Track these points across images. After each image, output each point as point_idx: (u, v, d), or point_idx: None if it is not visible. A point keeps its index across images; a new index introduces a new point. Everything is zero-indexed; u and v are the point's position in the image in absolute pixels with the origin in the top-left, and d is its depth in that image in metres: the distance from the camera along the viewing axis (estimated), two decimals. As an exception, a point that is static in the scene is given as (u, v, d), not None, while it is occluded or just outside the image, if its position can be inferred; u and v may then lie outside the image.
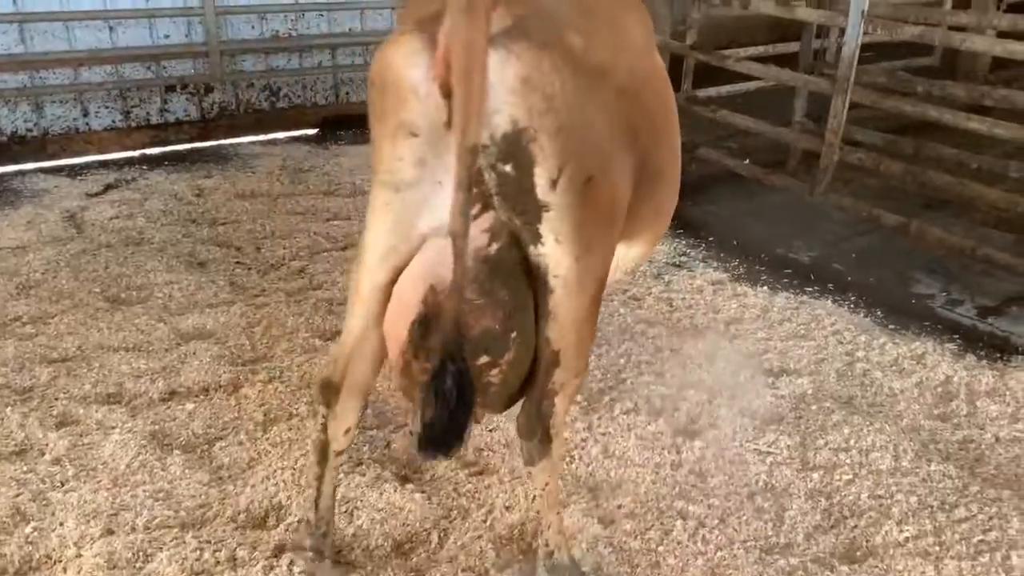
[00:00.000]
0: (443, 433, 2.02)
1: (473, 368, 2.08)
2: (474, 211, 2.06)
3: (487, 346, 2.14)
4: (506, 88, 1.96)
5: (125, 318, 4.01)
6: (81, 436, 3.17)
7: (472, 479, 3.02)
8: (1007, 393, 3.65)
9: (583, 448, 3.14)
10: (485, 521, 2.82)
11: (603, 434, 3.23)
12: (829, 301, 4.50)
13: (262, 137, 7.13)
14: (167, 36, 6.58)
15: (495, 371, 2.18)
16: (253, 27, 6.91)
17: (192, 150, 6.73)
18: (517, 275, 2.16)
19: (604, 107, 2.12)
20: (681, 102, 5.31)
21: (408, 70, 2.00)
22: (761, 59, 5.45)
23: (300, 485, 2.95)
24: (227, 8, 6.67)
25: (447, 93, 1.92)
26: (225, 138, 6.99)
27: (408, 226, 2.15)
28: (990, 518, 2.87)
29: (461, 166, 1.91)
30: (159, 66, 6.63)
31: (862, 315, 4.37)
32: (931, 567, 2.67)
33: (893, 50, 7.11)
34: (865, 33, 3.95)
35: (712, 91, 5.65)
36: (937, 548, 2.75)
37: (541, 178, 2.05)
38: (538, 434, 2.35)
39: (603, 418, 3.33)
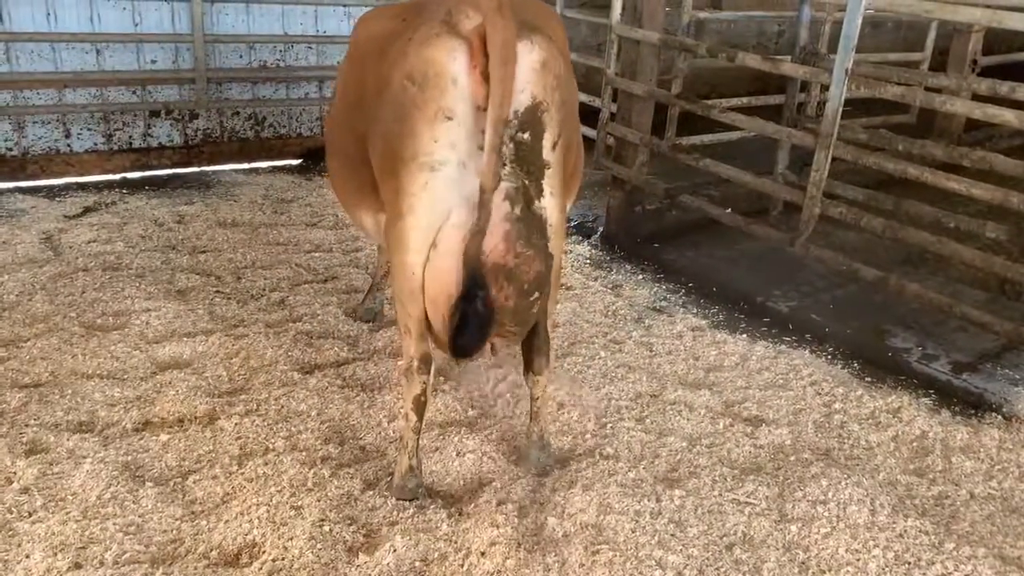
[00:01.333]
0: (474, 342, 2.66)
1: (527, 303, 2.73)
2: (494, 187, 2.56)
3: (540, 284, 2.73)
4: (530, 70, 2.55)
5: (101, 344, 3.95)
6: (51, 465, 3.10)
7: (450, 521, 2.98)
8: (981, 450, 3.69)
9: (568, 491, 3.12)
10: (463, 566, 2.79)
11: (585, 480, 3.21)
12: (807, 351, 4.54)
13: (245, 165, 7.11)
14: (154, 61, 6.56)
15: (539, 302, 2.80)
16: (241, 56, 6.91)
17: (174, 176, 6.70)
18: (541, 225, 2.69)
19: (572, 87, 2.83)
20: (665, 150, 5.40)
21: (450, 64, 2.53)
22: (743, 110, 5.54)
23: (275, 523, 2.90)
24: (216, 36, 6.67)
25: (486, 78, 2.46)
26: (208, 165, 6.96)
27: (441, 202, 2.63)
28: (968, 575, 2.88)
29: (495, 134, 2.47)
30: (144, 90, 6.60)
31: (839, 367, 4.41)
32: (907, 624, 2.68)
33: (870, 106, 7.28)
34: (848, 90, 4.03)
35: (697, 139, 5.73)
36: (914, 605, 2.75)
37: (548, 142, 2.67)
38: (545, 347, 3.11)
39: (584, 463, 3.32)
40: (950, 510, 3.28)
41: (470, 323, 2.61)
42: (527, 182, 2.66)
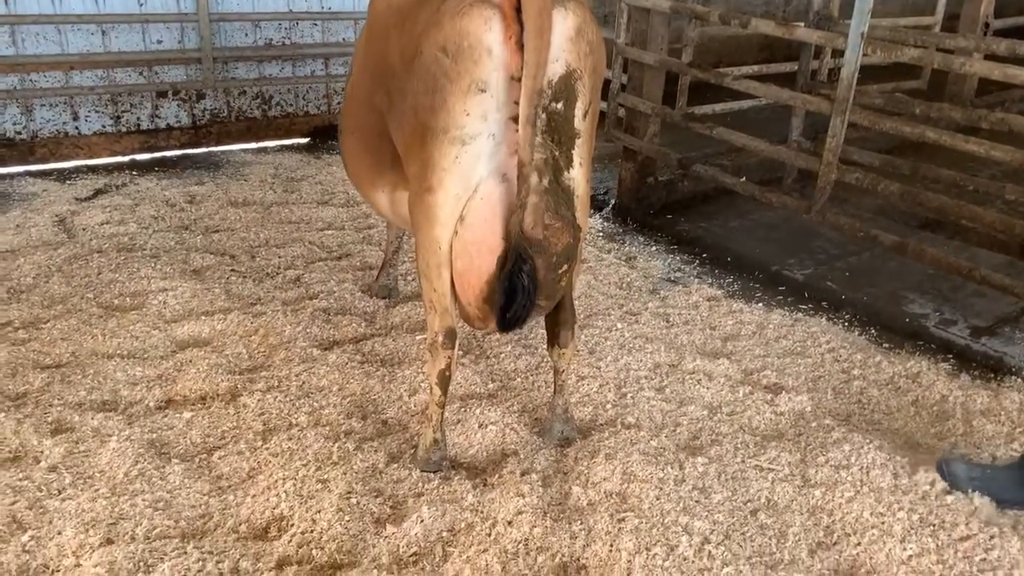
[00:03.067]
0: (522, 314, 2.66)
1: (556, 275, 2.72)
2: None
3: (568, 256, 2.73)
4: (565, 38, 2.52)
5: (120, 324, 3.96)
6: (77, 443, 3.12)
7: (475, 492, 2.99)
8: (1002, 413, 3.68)
9: (591, 460, 3.13)
10: (490, 535, 2.80)
11: (607, 449, 3.21)
12: (824, 319, 4.53)
13: (253, 145, 7.09)
14: (160, 41, 6.53)
15: (567, 274, 2.80)
16: (247, 34, 6.87)
17: (183, 156, 6.68)
18: (569, 197, 2.70)
19: (601, 53, 2.74)
20: (677, 119, 5.36)
21: (485, 34, 2.47)
22: (754, 78, 5.50)
23: (302, 496, 2.91)
24: (221, 15, 6.63)
25: (520, 48, 2.42)
26: (216, 145, 6.95)
27: (471, 175, 2.63)
28: (991, 537, 2.87)
29: (529, 105, 2.45)
30: (151, 71, 6.58)
31: (856, 333, 4.40)
32: (934, 585, 2.69)
33: (880, 73, 7.21)
34: (864, 55, 3.99)
35: (708, 108, 5.69)
36: (940, 567, 2.75)
37: (579, 110, 2.64)
38: (571, 320, 3.13)
39: (607, 433, 3.32)
40: (973, 473, 3.27)
41: (518, 295, 2.60)
42: (557, 153, 2.64)
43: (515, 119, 2.56)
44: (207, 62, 6.65)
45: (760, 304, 4.68)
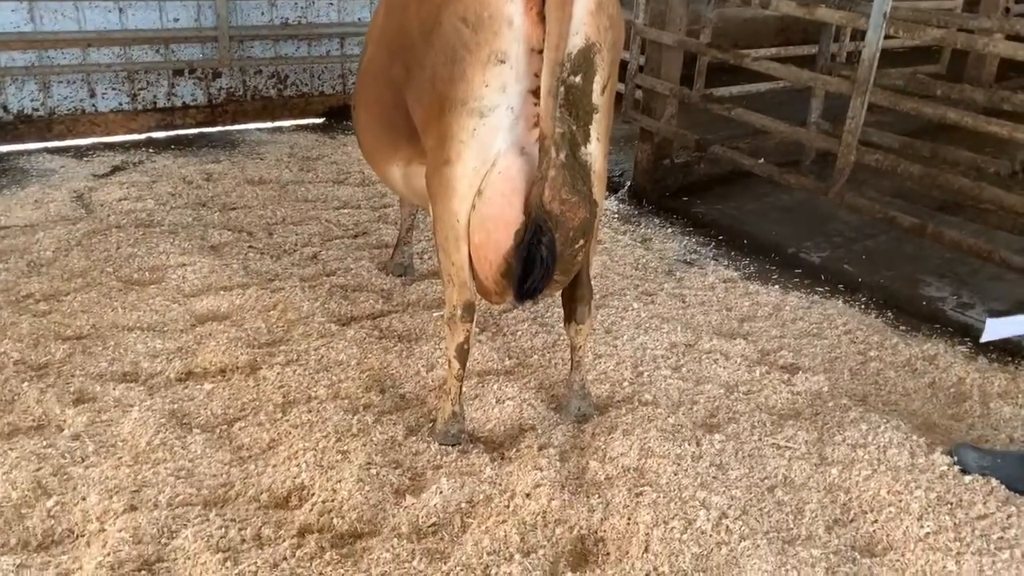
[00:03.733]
0: (539, 285, 2.67)
1: (572, 250, 2.74)
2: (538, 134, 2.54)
3: (585, 231, 2.75)
4: (586, 11, 2.49)
5: (139, 298, 3.98)
6: (99, 413, 3.15)
7: (493, 465, 3.01)
8: (1020, 395, 3.68)
9: (608, 436, 3.15)
10: (508, 507, 2.82)
11: (625, 425, 3.23)
12: (840, 301, 4.52)
13: (268, 124, 7.11)
14: (176, 19, 6.53)
15: (583, 249, 2.81)
16: (263, 13, 6.87)
17: (199, 135, 6.70)
18: (586, 172, 2.69)
19: (621, 28, 2.72)
20: (696, 100, 5.34)
21: (506, 5, 2.45)
22: (773, 60, 5.47)
23: (323, 466, 2.94)
24: (238, -7, 6.64)
25: (542, 19, 2.41)
26: (232, 124, 6.96)
27: (488, 148, 2.62)
28: (1008, 516, 2.88)
29: (551, 77, 2.43)
30: (168, 49, 6.58)
31: (873, 316, 4.40)
32: (952, 562, 2.69)
33: (897, 58, 7.17)
34: (886, 36, 3.97)
35: (725, 90, 5.67)
36: (957, 544, 2.76)
37: (598, 85, 2.63)
38: (588, 296, 3.13)
39: (624, 409, 3.34)
40: (990, 453, 3.27)
41: (536, 266, 2.61)
42: (574, 127, 2.64)
43: (534, 92, 2.56)
44: (223, 40, 6.65)
45: (776, 286, 4.68)
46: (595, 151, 2.75)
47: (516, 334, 3.90)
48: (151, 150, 6.23)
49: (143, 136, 6.53)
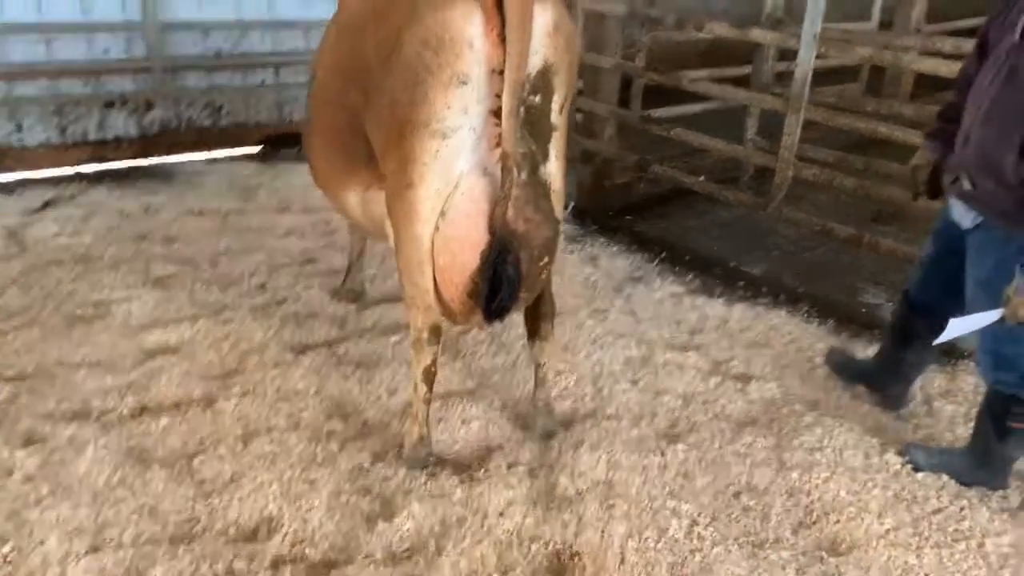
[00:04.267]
0: (507, 304, 2.70)
1: (536, 268, 2.77)
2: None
3: (548, 249, 2.79)
4: (544, 32, 2.55)
5: (84, 334, 3.87)
6: (51, 453, 3.04)
7: (463, 486, 3.01)
8: (959, 394, 3.85)
9: (575, 451, 3.17)
10: (482, 527, 2.82)
11: (591, 440, 3.26)
12: (783, 311, 4.65)
13: (204, 155, 6.98)
14: (106, 51, 6.39)
15: (547, 267, 2.86)
16: (196, 44, 6.77)
17: (132, 168, 6.54)
18: (546, 190, 2.75)
19: (576, 48, 2.81)
20: (635, 121, 5.47)
21: (467, 28, 2.49)
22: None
23: (290, 497, 2.89)
24: (169, 23, 6.54)
25: (502, 40, 2.46)
26: (166, 156, 6.81)
27: (450, 169, 2.64)
28: (961, 509, 3.01)
29: (513, 97, 2.48)
30: (98, 81, 6.44)
31: (816, 324, 4.53)
32: (913, 556, 2.79)
33: (817, 77, 7.45)
34: (818, 56, 4.15)
35: (663, 111, 5.82)
36: (916, 539, 2.87)
37: (556, 104, 2.69)
38: (551, 312, 3.20)
39: (588, 424, 3.37)
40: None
41: (504, 286, 2.64)
42: (534, 147, 2.69)
43: (494, 112, 2.60)
44: (156, 72, 6.54)
45: (721, 299, 4.79)
46: (554, 170, 2.80)
47: (475, 355, 3.91)
48: (84, 184, 6.05)
49: (73, 170, 6.34)
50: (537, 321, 3.18)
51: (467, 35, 2.50)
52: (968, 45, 4.13)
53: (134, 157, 6.67)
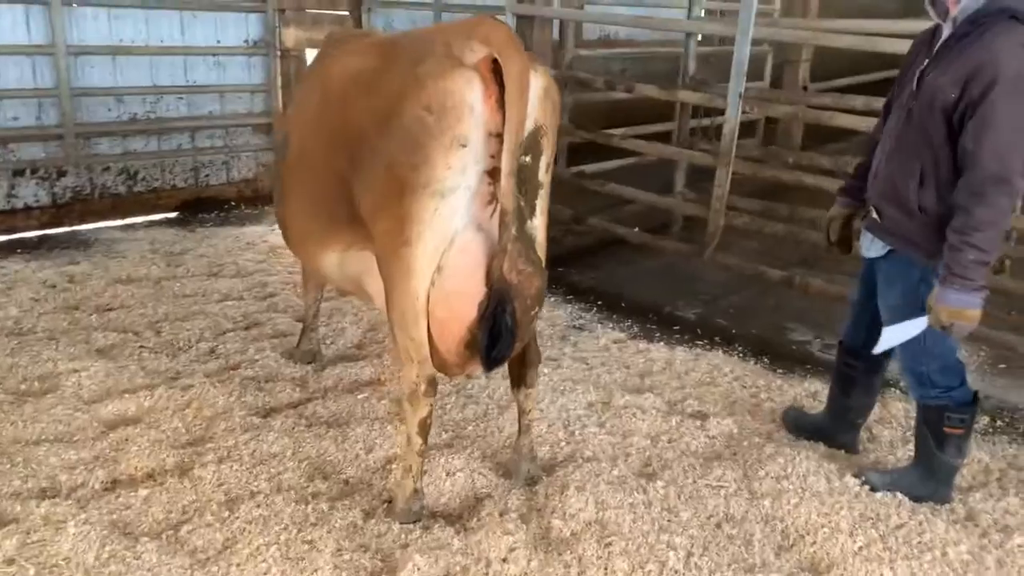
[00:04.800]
0: (506, 353, 2.83)
1: (528, 317, 2.89)
2: (493, 209, 2.76)
3: (539, 299, 2.91)
4: (536, 97, 2.74)
5: (37, 409, 3.71)
6: (28, 534, 2.90)
7: (460, 536, 3.04)
8: (892, 420, 4.16)
9: (562, 494, 3.26)
10: (486, 574, 2.86)
11: (575, 482, 3.36)
12: (721, 352, 4.92)
13: (119, 222, 6.81)
14: (15, 118, 6.21)
15: (537, 315, 2.97)
16: (110, 109, 6.65)
17: (44, 237, 6.33)
18: (533, 243, 2.90)
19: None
20: (568, 177, 5.71)
21: (468, 93, 2.66)
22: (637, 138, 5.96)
23: (291, 559, 2.86)
24: (83, 90, 6.40)
25: (500, 105, 2.63)
26: (79, 224, 6.63)
27: (448, 227, 2.78)
28: (920, 523, 3.25)
29: (511, 158, 2.64)
30: (6, 149, 6.22)
31: (752, 362, 4.81)
32: (887, 569, 3.00)
33: (707, 132, 7.97)
34: (743, 112, 4.49)
35: (594, 167, 6.10)
36: (888, 553, 3.08)
37: (543, 163, 2.87)
38: (537, 360, 3.34)
39: (570, 467, 3.48)
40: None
41: (503, 335, 2.74)
42: (523, 203, 2.83)
43: (489, 172, 2.75)
44: (69, 138, 6.37)
45: (662, 342, 5.02)
46: (539, 224, 2.95)
47: (445, 407, 3.96)
48: (-4, 255, 5.80)
49: (-18, 242, 6.07)
50: (524, 368, 3.29)
51: (468, 100, 2.66)
52: (877, 103, 4.60)
53: (45, 226, 6.49)
